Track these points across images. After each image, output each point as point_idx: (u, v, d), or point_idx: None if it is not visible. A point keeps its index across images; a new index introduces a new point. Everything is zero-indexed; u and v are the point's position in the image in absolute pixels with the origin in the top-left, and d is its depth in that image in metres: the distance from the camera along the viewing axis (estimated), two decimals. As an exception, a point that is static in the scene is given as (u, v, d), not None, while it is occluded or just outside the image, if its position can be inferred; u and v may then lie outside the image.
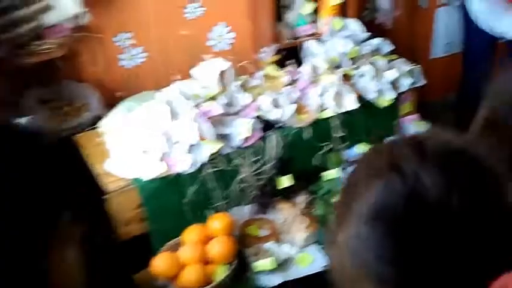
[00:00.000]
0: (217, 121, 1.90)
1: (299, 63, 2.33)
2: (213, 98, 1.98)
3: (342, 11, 2.53)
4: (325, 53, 2.28)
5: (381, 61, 2.23)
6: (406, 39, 2.99)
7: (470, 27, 2.43)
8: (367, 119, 2.15)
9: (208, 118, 1.86)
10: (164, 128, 1.82)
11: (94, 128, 2.07)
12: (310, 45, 2.38)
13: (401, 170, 0.60)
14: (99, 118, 2.13)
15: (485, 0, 2.32)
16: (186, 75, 2.37)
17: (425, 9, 2.98)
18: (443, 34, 3.11)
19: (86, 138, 2.02)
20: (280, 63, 2.32)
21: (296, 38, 2.48)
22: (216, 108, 1.90)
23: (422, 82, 2.26)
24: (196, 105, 1.91)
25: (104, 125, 2.03)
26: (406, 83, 2.20)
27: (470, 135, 0.87)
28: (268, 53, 2.32)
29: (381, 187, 0.61)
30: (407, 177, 0.59)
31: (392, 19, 2.59)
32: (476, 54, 2.51)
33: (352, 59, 2.27)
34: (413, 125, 2.25)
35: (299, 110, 2.07)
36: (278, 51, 2.37)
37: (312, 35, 2.50)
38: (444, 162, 0.60)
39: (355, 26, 2.49)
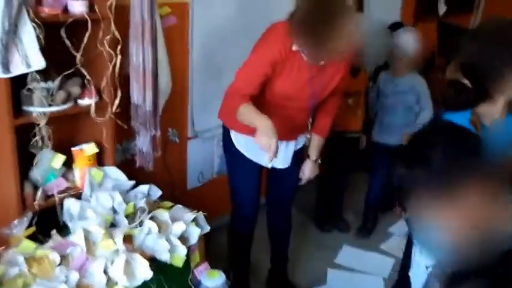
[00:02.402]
0: None
1: (63, 230, 1.91)
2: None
3: (99, 160, 2.22)
4: (94, 212, 1.91)
5: (163, 213, 1.97)
6: (164, 175, 2.82)
7: (236, 156, 2.41)
8: (161, 282, 1.83)
9: None
10: None
11: None
12: (70, 204, 1.98)
13: None
14: None
15: (242, 137, 2.35)
16: None
17: (177, 144, 2.88)
18: (197, 164, 3.06)
19: None
20: (39, 235, 1.85)
21: (49, 197, 2.04)
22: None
23: (207, 228, 2.08)
24: None
25: None
26: (195, 234, 1.98)
27: None
28: (20, 226, 1.83)
29: None
30: None
31: (153, 161, 2.38)
32: (244, 180, 2.49)
33: (128, 216, 1.95)
34: (207, 275, 2.03)
35: (81, 295, 1.63)
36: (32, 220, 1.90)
37: (68, 190, 2.11)
38: None
39: (117, 175, 2.21)
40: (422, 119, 3.05)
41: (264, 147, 2.00)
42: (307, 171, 2.48)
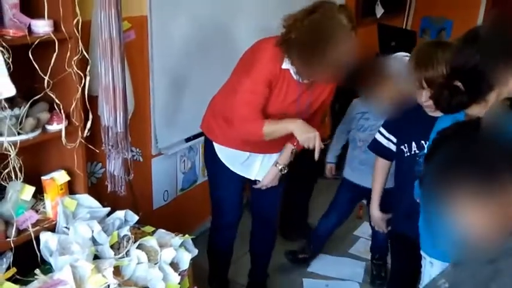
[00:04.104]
0: None
1: (41, 266, 1.77)
2: None
3: (69, 188, 2.09)
4: (78, 245, 1.79)
5: (150, 240, 1.87)
6: (128, 197, 2.69)
7: (218, 167, 2.35)
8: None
9: None
10: None
11: None
12: (48, 238, 1.85)
13: None
14: None
15: (226, 149, 2.30)
16: None
17: (141, 163, 2.77)
18: (162, 182, 2.95)
19: None
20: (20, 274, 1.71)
21: (21, 232, 1.89)
22: None
23: (195, 252, 1.99)
24: None
25: None
26: (185, 259, 1.89)
27: None
28: (-3, 268, 1.68)
29: None
30: None
31: (125, 185, 2.26)
32: (225, 189, 2.42)
33: (112, 246, 1.84)
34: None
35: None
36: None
37: (40, 223, 1.96)
38: None
39: (90, 202, 2.09)
40: None
41: (309, 144, 2.08)
42: (268, 177, 2.37)
